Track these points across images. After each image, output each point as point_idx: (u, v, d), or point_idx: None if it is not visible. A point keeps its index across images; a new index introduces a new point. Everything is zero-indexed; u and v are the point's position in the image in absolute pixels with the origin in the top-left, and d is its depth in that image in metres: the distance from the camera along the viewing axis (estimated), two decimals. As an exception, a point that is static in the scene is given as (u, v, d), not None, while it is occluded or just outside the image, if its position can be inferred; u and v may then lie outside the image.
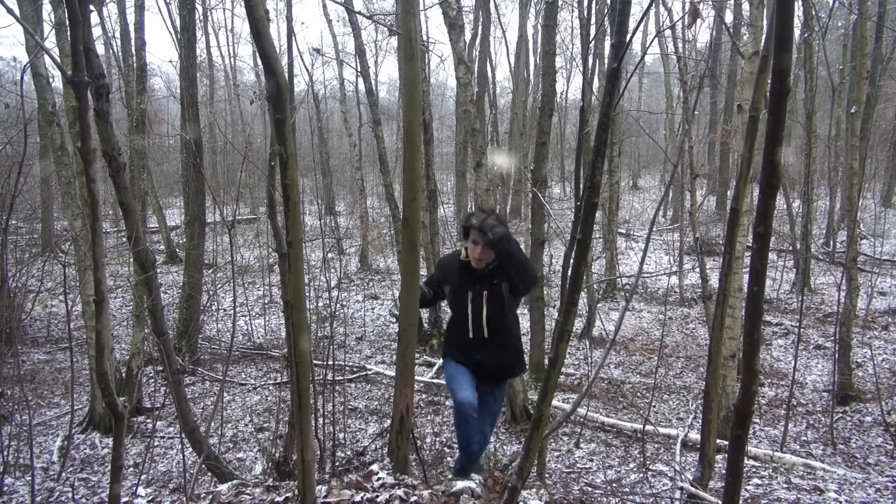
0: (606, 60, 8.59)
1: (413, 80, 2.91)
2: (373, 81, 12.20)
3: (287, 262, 2.23)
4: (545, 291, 8.75)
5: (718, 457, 3.63)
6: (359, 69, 10.76)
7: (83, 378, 8.00)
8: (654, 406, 7.50)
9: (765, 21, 5.49)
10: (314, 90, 17.45)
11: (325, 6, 15.03)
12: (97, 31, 13.04)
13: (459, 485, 2.87)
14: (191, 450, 4.32)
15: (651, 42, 6.67)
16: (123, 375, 7.44)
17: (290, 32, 7.07)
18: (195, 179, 9.45)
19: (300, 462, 2.26)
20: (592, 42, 10.98)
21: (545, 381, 2.00)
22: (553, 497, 3.10)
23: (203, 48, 18.66)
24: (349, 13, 10.20)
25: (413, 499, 2.82)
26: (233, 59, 23.67)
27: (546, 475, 5.07)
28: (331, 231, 16.93)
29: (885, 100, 16.84)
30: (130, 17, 10.20)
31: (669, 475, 5.22)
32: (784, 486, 4.28)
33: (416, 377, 6.91)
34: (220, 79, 23.15)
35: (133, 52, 10.10)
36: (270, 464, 3.88)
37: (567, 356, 5.45)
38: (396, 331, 3.99)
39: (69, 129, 6.57)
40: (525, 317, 10.35)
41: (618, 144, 12.76)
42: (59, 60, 5.71)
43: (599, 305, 10.87)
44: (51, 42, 6.82)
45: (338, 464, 4.23)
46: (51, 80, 6.59)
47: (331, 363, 5.64)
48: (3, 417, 6.35)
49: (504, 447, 6.37)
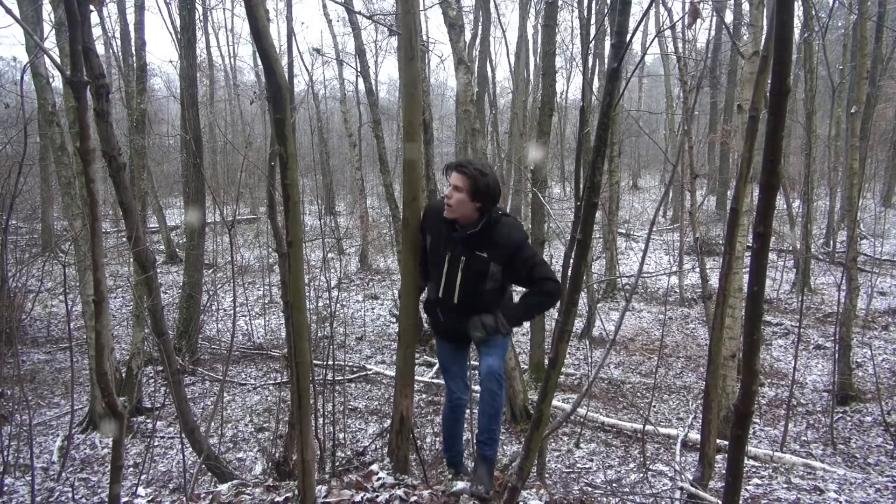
0: (606, 60, 8.58)
1: (413, 80, 2.91)
2: (373, 81, 12.21)
3: (287, 262, 2.23)
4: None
5: (718, 457, 3.63)
6: (359, 69, 10.76)
7: (83, 378, 8.00)
8: (654, 406, 7.49)
9: (765, 21, 5.49)
10: (314, 90, 17.46)
11: (325, 6, 15.03)
12: (97, 31, 13.03)
13: (459, 485, 2.87)
14: (191, 450, 4.32)
15: (651, 42, 6.68)
16: (123, 375, 7.44)
17: (290, 32, 7.08)
18: (195, 179, 9.45)
19: (300, 462, 2.26)
20: (592, 42, 10.98)
21: (545, 381, 2.00)
22: (553, 497, 3.10)
23: (203, 48, 18.67)
24: (349, 13, 10.20)
25: (413, 499, 2.82)
26: (233, 59, 23.68)
27: (546, 475, 5.07)
28: (331, 231, 16.92)
29: (885, 100, 16.84)
30: (130, 17, 10.21)
31: (669, 475, 5.22)
32: (784, 486, 4.28)
33: (416, 377, 6.91)
34: (220, 79, 23.14)
35: (133, 52, 10.10)
36: (270, 464, 3.88)
37: (567, 356, 5.45)
38: (396, 331, 3.99)
39: (69, 129, 6.57)
40: (525, 317, 10.34)
41: (618, 144, 12.76)
42: (59, 60, 5.71)
43: (599, 305, 10.87)
44: (51, 42, 6.83)
45: (338, 464, 4.23)
46: (51, 80, 6.60)
47: (331, 363, 5.64)
48: (3, 417, 6.35)
49: (504, 447, 6.37)
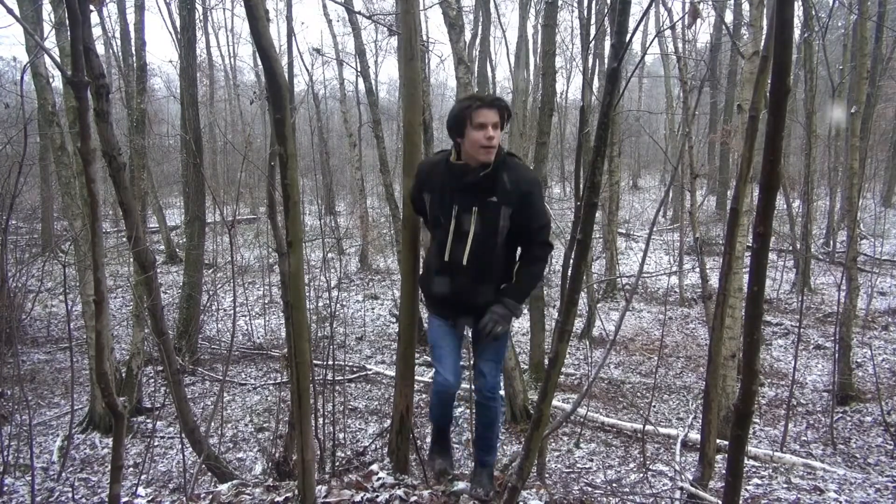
0: (606, 60, 8.58)
1: (413, 80, 2.91)
2: (373, 81, 12.21)
3: (287, 262, 2.23)
4: (545, 291, 8.75)
5: (718, 457, 3.63)
6: (359, 69, 10.77)
7: (83, 378, 8.01)
8: (654, 406, 7.49)
9: (765, 21, 5.49)
10: (314, 90, 17.44)
11: (325, 6, 15.02)
12: (97, 31, 13.03)
13: (460, 485, 2.87)
14: (191, 450, 4.32)
15: (651, 42, 6.69)
16: (123, 375, 7.44)
17: (290, 32, 7.08)
18: (195, 179, 9.45)
19: (300, 462, 2.26)
20: (592, 42, 10.98)
21: (545, 381, 2.00)
22: (553, 497, 3.10)
23: (203, 48, 18.68)
24: (349, 13, 10.20)
25: (413, 499, 2.82)
26: (233, 59, 23.69)
27: (546, 475, 5.07)
28: (331, 231, 16.92)
29: (885, 100, 16.84)
30: (130, 17, 10.20)
31: (669, 475, 5.22)
32: (784, 486, 4.28)
33: (416, 377, 6.91)
34: (220, 79, 23.14)
35: (133, 52, 10.10)
36: (270, 464, 3.88)
37: (567, 356, 5.46)
38: (396, 331, 3.99)
39: (69, 129, 6.57)
40: (525, 317, 10.36)
41: (618, 144, 12.76)
42: (59, 60, 5.71)
43: (599, 305, 10.87)
44: (51, 42, 6.82)
45: (338, 464, 4.23)
46: (51, 80, 6.60)
47: (331, 363, 5.64)
48: (3, 417, 6.35)
49: (504, 447, 6.37)
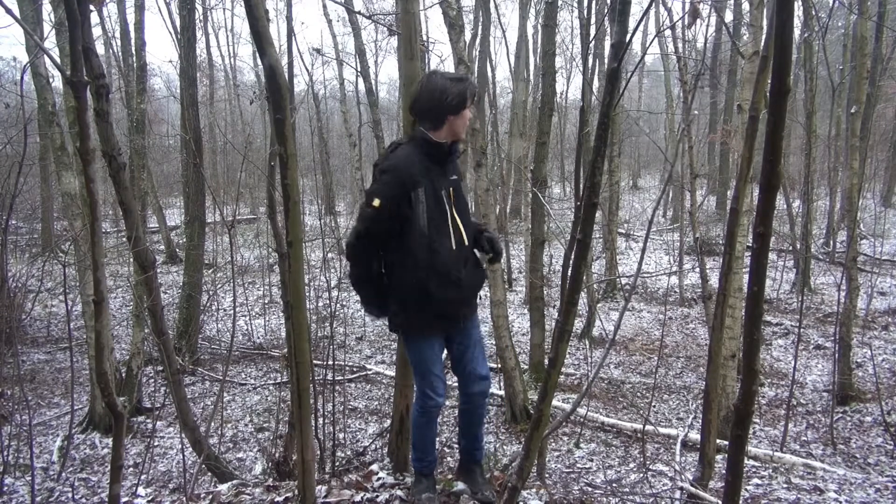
0: (606, 60, 8.58)
1: (413, 80, 2.90)
2: (373, 81, 12.22)
3: (287, 262, 2.23)
4: (545, 291, 8.75)
5: (718, 457, 3.63)
6: (359, 69, 10.77)
7: (83, 378, 8.00)
8: (654, 406, 7.49)
9: (765, 21, 5.49)
10: (314, 90, 17.45)
11: (325, 6, 15.05)
12: (97, 31, 13.03)
13: (460, 485, 2.87)
14: (191, 450, 4.32)
15: (651, 42, 6.68)
16: (123, 375, 7.44)
17: (290, 32, 7.06)
18: (195, 179, 9.45)
19: (300, 462, 2.26)
20: (592, 42, 10.98)
21: (545, 381, 2.00)
22: (553, 497, 3.10)
23: (203, 48, 18.67)
24: (349, 13, 10.21)
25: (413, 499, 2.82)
26: (233, 59, 23.72)
27: (546, 475, 5.07)
28: (331, 231, 16.91)
29: (885, 100, 16.83)
30: (130, 17, 10.20)
31: (669, 475, 5.22)
32: (784, 486, 4.28)
33: (416, 377, 6.90)
34: (220, 79, 23.14)
35: (133, 52, 10.10)
36: (270, 464, 3.88)
37: (567, 356, 5.46)
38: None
39: (69, 129, 6.57)
40: (525, 317, 10.35)
41: (618, 144, 12.76)
42: (59, 60, 5.71)
43: (599, 305, 10.87)
44: (51, 42, 6.83)
45: (338, 464, 4.23)
46: (51, 80, 6.60)
47: (331, 363, 5.64)
48: (3, 417, 6.35)
49: (504, 447, 6.37)
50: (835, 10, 14.33)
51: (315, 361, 4.95)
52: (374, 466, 3.30)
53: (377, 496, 2.86)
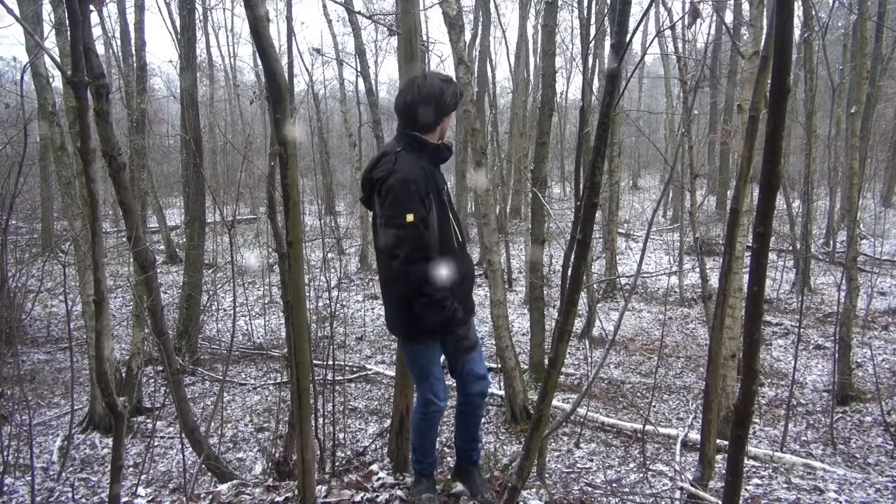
0: (606, 60, 8.58)
1: (413, 80, 2.91)
2: (373, 81, 12.23)
3: (287, 262, 2.23)
4: (545, 291, 8.75)
5: (718, 457, 3.63)
6: (359, 69, 10.78)
7: (83, 378, 8.01)
8: (654, 406, 7.49)
9: (765, 21, 5.49)
10: (314, 90, 17.45)
11: (325, 6, 15.04)
12: (97, 31, 13.03)
13: (460, 485, 2.87)
14: (191, 450, 4.32)
15: (651, 42, 6.68)
16: (123, 375, 7.44)
17: (290, 32, 7.06)
18: (195, 179, 9.45)
19: (300, 462, 2.25)
20: (592, 42, 10.98)
21: (545, 381, 2.00)
22: (553, 497, 3.10)
23: (203, 48, 18.68)
24: (349, 13, 10.21)
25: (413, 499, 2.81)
26: (233, 59, 23.69)
27: (546, 475, 5.07)
28: (331, 231, 16.92)
29: (885, 100, 16.84)
30: (130, 17, 10.19)
31: (669, 475, 5.22)
32: (784, 486, 4.28)
33: (416, 377, 6.90)
34: (220, 79, 23.14)
35: (133, 52, 10.09)
36: (270, 464, 3.88)
37: (567, 356, 5.46)
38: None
39: (69, 129, 6.57)
40: (525, 317, 10.35)
41: (618, 144, 12.76)
42: (59, 60, 5.71)
43: (599, 305, 10.87)
44: (51, 42, 6.83)
45: (338, 464, 4.23)
46: (51, 80, 6.60)
47: (331, 363, 5.64)
48: (3, 417, 6.35)
49: (504, 447, 6.37)
50: (835, 10, 14.34)
51: (315, 361, 4.95)
52: (374, 466, 3.30)
53: (377, 496, 2.86)
